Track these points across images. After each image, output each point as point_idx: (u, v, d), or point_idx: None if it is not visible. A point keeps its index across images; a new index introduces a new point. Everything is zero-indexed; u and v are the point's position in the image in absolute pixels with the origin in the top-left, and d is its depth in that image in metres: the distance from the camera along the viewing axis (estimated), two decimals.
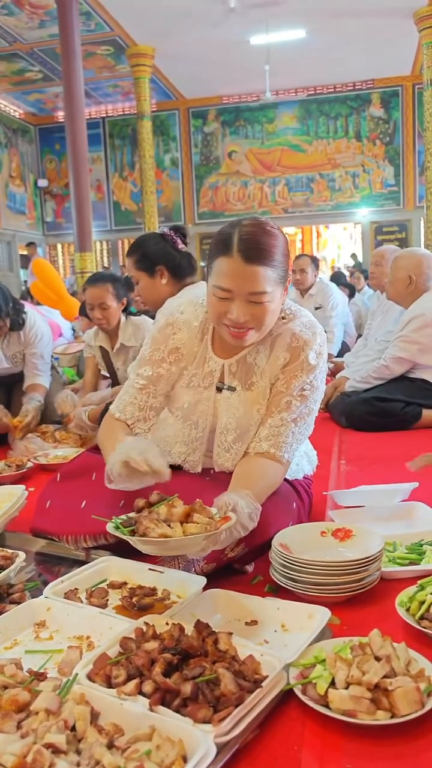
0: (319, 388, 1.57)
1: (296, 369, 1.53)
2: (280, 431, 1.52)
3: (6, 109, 14.51)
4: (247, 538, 1.40)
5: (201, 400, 1.61)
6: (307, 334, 1.53)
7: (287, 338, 1.53)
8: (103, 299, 2.92)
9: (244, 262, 1.38)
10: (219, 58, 11.91)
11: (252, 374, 1.57)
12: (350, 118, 14.02)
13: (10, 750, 0.84)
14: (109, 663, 1.05)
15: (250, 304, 1.41)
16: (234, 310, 1.41)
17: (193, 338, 1.60)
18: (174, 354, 1.61)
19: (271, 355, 1.55)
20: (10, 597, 1.44)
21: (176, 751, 0.87)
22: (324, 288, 5.31)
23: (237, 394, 1.57)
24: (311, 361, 1.52)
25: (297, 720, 1.01)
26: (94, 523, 1.58)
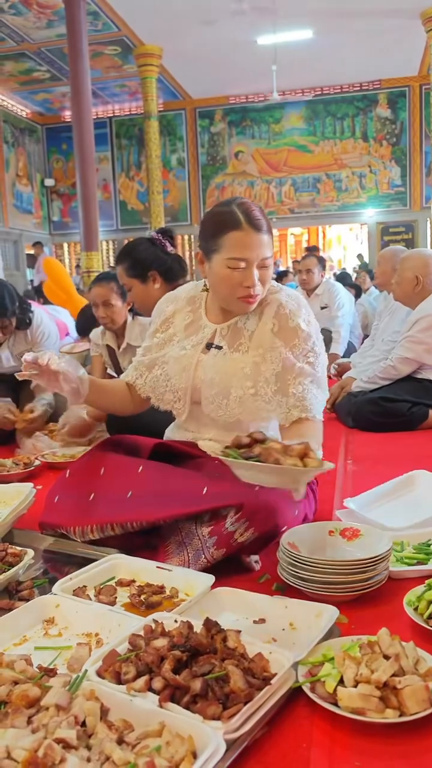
0: (321, 354, 1.73)
1: (291, 336, 1.68)
2: (304, 395, 1.65)
3: (13, 109, 14.56)
4: (256, 523, 1.47)
5: (184, 356, 1.78)
6: (293, 305, 1.71)
7: (274, 307, 1.70)
8: (107, 297, 2.93)
9: (255, 231, 1.60)
10: (226, 59, 11.93)
11: (240, 337, 1.73)
12: (357, 118, 14.02)
13: (21, 744, 0.85)
14: (119, 660, 1.06)
15: (260, 269, 1.63)
16: (250, 277, 1.61)
17: (182, 309, 1.85)
18: (165, 324, 1.87)
19: (260, 321, 1.71)
20: (19, 594, 1.45)
21: (186, 747, 0.87)
22: (330, 288, 5.31)
23: (223, 353, 1.73)
24: (304, 327, 1.68)
25: (306, 718, 1.01)
26: (101, 515, 1.61)
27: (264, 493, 1.52)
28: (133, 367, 1.90)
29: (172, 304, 1.88)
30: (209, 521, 1.52)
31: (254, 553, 1.56)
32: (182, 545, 1.54)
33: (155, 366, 1.85)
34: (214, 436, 1.78)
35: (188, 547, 1.53)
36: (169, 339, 1.85)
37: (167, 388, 1.81)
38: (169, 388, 1.81)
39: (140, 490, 1.64)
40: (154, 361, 1.85)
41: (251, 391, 1.68)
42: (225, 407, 1.70)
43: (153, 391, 1.85)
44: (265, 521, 1.49)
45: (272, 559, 1.50)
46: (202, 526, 1.52)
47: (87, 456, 1.89)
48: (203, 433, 1.82)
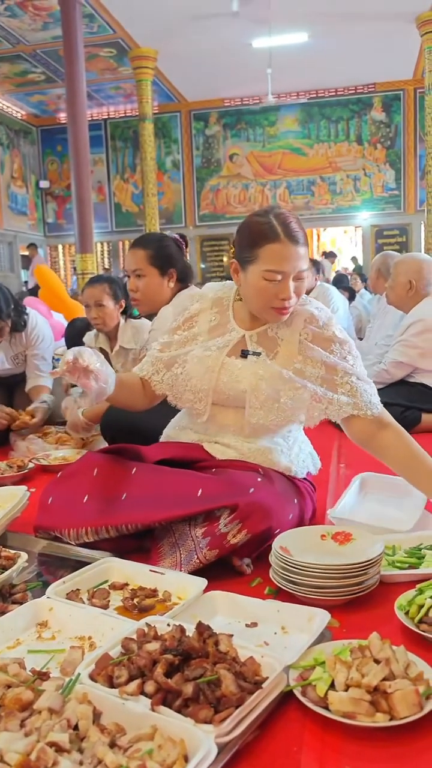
0: (359, 357, 1.77)
1: (328, 344, 1.71)
2: (356, 392, 1.70)
3: (8, 111, 14.54)
4: (249, 525, 1.48)
5: (209, 357, 1.75)
6: (324, 316, 1.75)
7: (304, 316, 1.73)
8: (99, 298, 2.94)
9: (293, 245, 1.60)
10: (221, 61, 11.94)
11: (275, 344, 1.74)
12: (351, 121, 14.06)
13: (14, 748, 0.86)
14: (111, 663, 1.06)
15: (295, 281, 1.63)
16: (285, 289, 1.62)
17: (206, 308, 1.83)
18: (188, 322, 1.84)
19: (290, 330, 1.73)
20: (12, 597, 1.45)
21: (178, 751, 0.88)
22: (324, 291, 5.31)
23: (263, 359, 1.72)
24: (339, 335, 1.73)
25: (297, 721, 1.02)
26: (95, 517, 1.62)
27: (259, 495, 1.54)
28: (150, 363, 1.86)
29: (198, 302, 1.85)
30: (203, 522, 1.53)
31: (247, 556, 1.57)
32: (175, 546, 1.55)
33: (175, 364, 1.82)
34: (225, 439, 1.78)
35: (181, 548, 1.54)
36: (192, 338, 1.82)
37: (187, 388, 1.79)
38: (189, 388, 1.78)
39: (134, 492, 1.65)
40: (174, 359, 1.82)
41: (300, 392, 1.69)
42: (276, 411, 1.70)
43: (171, 389, 1.83)
44: (259, 523, 1.50)
45: (264, 563, 1.50)
46: (196, 528, 1.53)
47: (81, 460, 1.90)
48: (215, 434, 1.81)
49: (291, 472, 1.76)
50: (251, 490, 1.55)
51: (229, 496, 1.52)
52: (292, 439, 1.83)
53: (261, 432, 1.76)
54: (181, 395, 1.81)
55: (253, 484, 1.57)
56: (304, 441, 1.91)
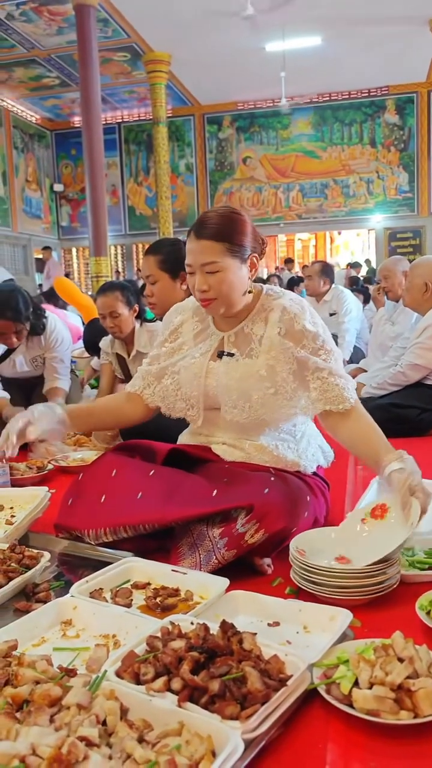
0: (334, 351, 1.74)
1: (299, 337, 1.70)
2: (327, 387, 1.68)
3: (23, 115, 14.67)
4: (267, 525, 1.50)
5: (193, 364, 1.80)
6: (297, 308, 1.72)
7: (278, 311, 1.72)
8: (113, 307, 2.95)
9: (196, 237, 1.66)
10: (235, 65, 12.00)
11: (250, 342, 1.75)
12: (365, 124, 14.06)
13: (45, 742, 0.87)
14: (137, 661, 1.08)
15: (206, 274, 1.65)
16: (196, 282, 1.66)
17: (188, 318, 1.87)
18: (174, 334, 1.89)
19: (266, 326, 1.74)
20: (36, 596, 1.47)
21: (205, 746, 0.89)
22: (338, 294, 5.33)
23: (236, 359, 1.75)
24: (310, 328, 1.70)
25: (321, 719, 1.03)
26: (113, 517, 1.64)
27: (274, 495, 1.55)
28: (140, 377, 1.91)
29: (180, 314, 1.90)
30: (220, 523, 1.54)
31: (266, 556, 1.58)
32: (194, 547, 1.57)
33: (165, 375, 1.86)
34: (229, 439, 1.82)
35: (200, 548, 1.55)
36: (178, 348, 1.87)
37: (178, 397, 1.83)
38: (179, 397, 1.82)
39: (150, 491, 1.67)
40: (164, 371, 1.87)
41: (271, 391, 1.71)
42: (249, 410, 1.73)
43: (163, 400, 1.87)
44: (275, 522, 1.52)
45: (285, 563, 1.51)
46: (213, 528, 1.54)
47: (101, 459, 1.92)
48: (219, 436, 1.84)
49: (299, 467, 1.78)
50: (266, 490, 1.56)
51: (245, 496, 1.53)
52: (299, 434, 1.84)
53: (258, 429, 1.78)
54: (174, 405, 1.85)
55: (268, 484, 1.59)
56: (313, 434, 1.91)
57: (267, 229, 14.92)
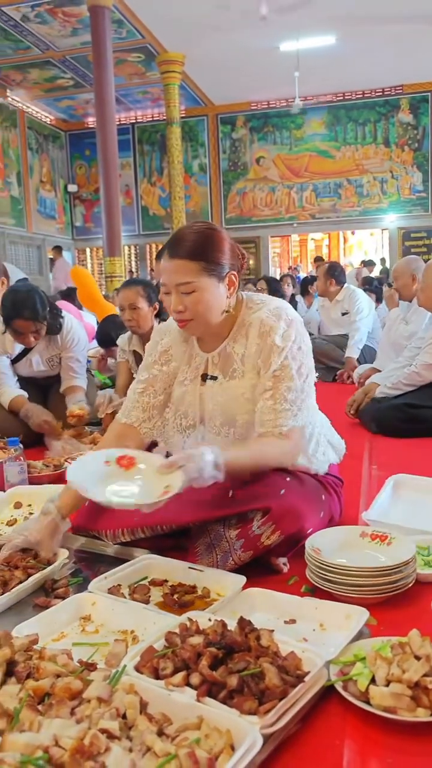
0: (290, 366, 1.60)
1: (268, 354, 1.61)
2: (263, 411, 1.60)
3: (38, 116, 14.75)
4: (282, 526, 1.50)
5: (188, 392, 1.73)
6: (272, 320, 1.62)
7: (257, 326, 1.64)
8: (133, 300, 3.00)
9: (169, 257, 1.59)
10: (248, 65, 11.99)
11: (232, 362, 1.68)
12: (379, 124, 14.00)
13: (67, 734, 0.89)
14: (156, 656, 1.10)
15: (182, 294, 1.58)
16: (172, 301, 1.60)
17: (176, 339, 1.77)
18: (164, 356, 1.79)
19: (246, 343, 1.66)
20: (54, 592, 1.49)
21: (224, 740, 0.91)
22: (351, 294, 5.33)
23: (219, 383, 1.69)
24: (278, 343, 1.60)
25: (338, 715, 1.04)
26: (131, 518, 1.65)
27: (290, 497, 1.55)
28: (140, 408, 1.77)
29: (166, 336, 1.80)
30: (236, 524, 1.55)
31: (282, 556, 1.59)
32: (211, 547, 1.58)
33: (166, 408, 1.77)
34: None
35: (216, 549, 1.56)
36: (173, 373, 1.77)
37: (174, 429, 1.76)
38: (176, 428, 1.75)
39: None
40: (166, 403, 1.77)
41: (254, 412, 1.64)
42: (231, 435, 1.67)
43: (161, 435, 1.78)
44: (291, 524, 1.52)
45: (300, 562, 1.52)
46: (230, 529, 1.55)
47: None
48: None
49: (312, 471, 1.75)
50: (282, 491, 1.56)
51: (261, 498, 1.54)
52: (307, 435, 1.75)
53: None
54: (170, 438, 1.77)
55: (284, 485, 1.59)
56: (322, 433, 1.82)
57: (281, 229, 14.91)
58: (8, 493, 2.10)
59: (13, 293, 2.86)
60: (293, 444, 1.61)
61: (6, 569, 1.51)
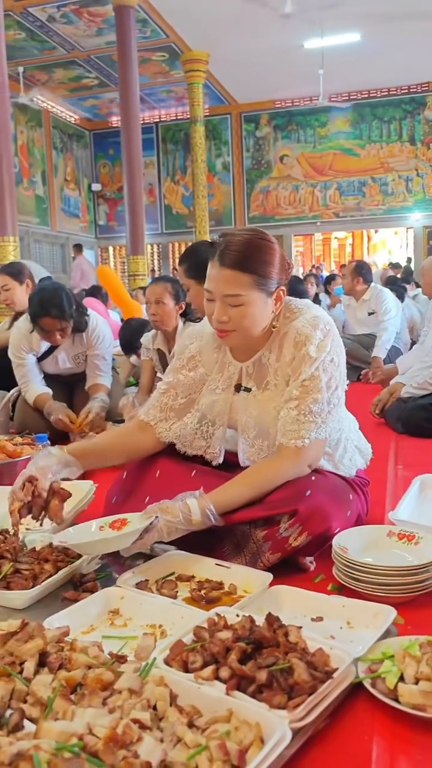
0: (320, 378, 1.58)
1: (299, 363, 1.58)
2: (286, 420, 1.58)
3: (62, 115, 14.88)
4: (310, 527, 1.50)
5: (218, 401, 1.71)
6: (308, 329, 1.58)
7: (292, 335, 1.60)
8: (160, 296, 3.06)
9: (220, 265, 1.53)
10: (272, 63, 11.98)
11: (267, 374, 1.65)
12: (404, 121, 13.90)
13: (100, 723, 0.91)
14: (185, 649, 1.11)
15: (228, 306, 1.54)
16: (215, 310, 1.55)
17: (208, 346, 1.74)
18: (192, 361, 1.76)
19: (280, 354, 1.62)
20: (83, 585, 1.51)
21: (254, 733, 0.91)
22: (377, 294, 5.29)
23: (253, 395, 1.67)
24: (311, 353, 1.57)
25: (366, 712, 1.04)
26: None
27: (316, 497, 1.55)
28: (158, 408, 1.77)
29: (196, 340, 1.77)
30: (263, 526, 1.55)
31: (309, 555, 1.59)
32: (239, 547, 1.58)
33: (188, 413, 1.76)
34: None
35: (244, 549, 1.57)
36: (200, 379, 1.75)
37: (198, 435, 1.74)
38: (200, 435, 1.74)
39: None
40: (187, 408, 1.76)
41: None
42: (266, 448, 1.65)
43: (179, 437, 1.76)
44: (319, 524, 1.53)
45: (327, 560, 1.53)
46: (257, 530, 1.56)
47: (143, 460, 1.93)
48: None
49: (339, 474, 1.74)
50: (308, 492, 1.55)
51: (288, 501, 1.53)
52: (334, 441, 1.73)
53: None
54: (191, 443, 1.76)
55: (310, 485, 1.58)
56: (349, 438, 1.80)
57: (304, 228, 14.87)
58: None
59: (41, 292, 2.90)
60: (309, 459, 1.60)
61: (36, 563, 1.54)
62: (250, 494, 1.55)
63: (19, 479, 1.59)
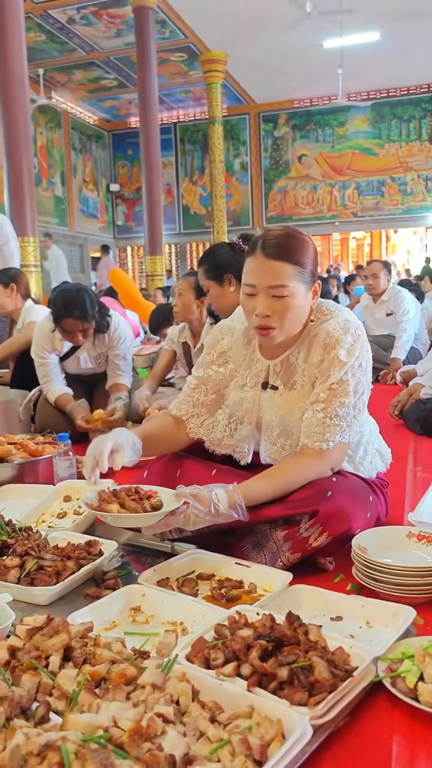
0: (348, 382, 1.58)
1: (328, 367, 1.58)
2: (311, 422, 1.58)
3: (81, 116, 14.97)
4: (330, 528, 1.51)
5: (246, 398, 1.71)
6: (339, 333, 1.58)
7: (322, 337, 1.59)
8: (182, 289, 3.18)
9: (265, 257, 1.52)
10: (291, 63, 11.96)
11: (294, 373, 1.65)
12: (424, 120, 13.81)
13: (125, 716, 0.93)
14: (207, 646, 1.13)
15: (272, 298, 1.52)
16: (257, 305, 1.53)
17: (238, 342, 1.75)
18: (222, 357, 1.77)
19: (309, 355, 1.62)
20: (105, 583, 1.54)
21: (275, 729, 0.93)
22: (396, 294, 5.26)
23: (279, 393, 1.66)
24: (342, 357, 1.56)
25: (386, 711, 1.06)
26: None
27: (337, 498, 1.56)
28: (190, 403, 1.78)
29: (227, 336, 1.77)
30: (283, 525, 1.56)
31: (329, 555, 1.60)
32: (258, 546, 1.60)
33: (219, 409, 1.76)
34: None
35: (264, 549, 1.58)
36: (230, 375, 1.76)
37: (227, 433, 1.74)
38: (228, 433, 1.73)
39: None
40: (217, 404, 1.76)
41: None
42: (288, 448, 1.66)
43: (208, 435, 1.76)
44: (339, 525, 1.54)
45: (346, 560, 1.54)
46: (277, 530, 1.57)
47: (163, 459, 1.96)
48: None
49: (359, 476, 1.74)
50: (329, 493, 1.56)
51: (309, 501, 1.54)
52: (355, 443, 1.73)
53: None
54: (220, 441, 1.75)
55: (330, 486, 1.59)
56: (370, 441, 1.80)
57: (322, 228, 14.83)
58: (58, 487, 2.16)
59: (63, 293, 2.93)
60: (332, 461, 1.61)
61: (59, 560, 1.56)
62: (273, 493, 1.56)
63: (104, 447, 1.55)
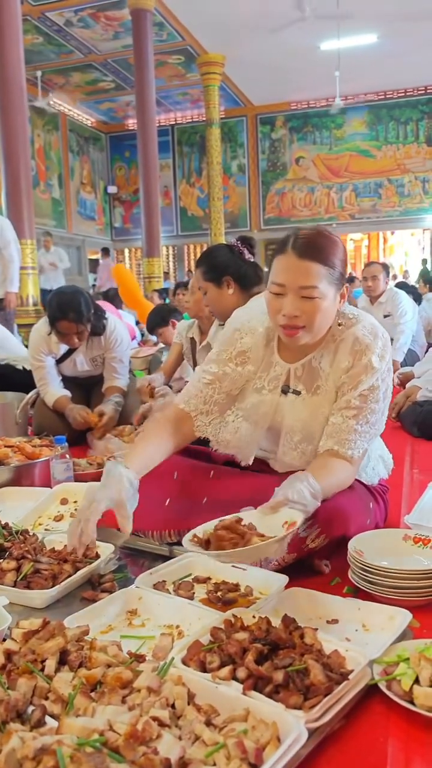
0: (379, 388, 1.57)
1: (360, 372, 1.56)
2: (342, 428, 1.56)
3: (79, 118, 14.97)
4: (328, 530, 1.51)
5: (264, 402, 1.67)
6: (369, 338, 1.56)
7: (350, 342, 1.57)
8: (193, 284, 3.11)
9: (297, 257, 1.47)
10: (288, 65, 11.98)
11: (317, 378, 1.62)
12: (421, 122, 13.84)
13: (120, 720, 0.93)
14: (203, 650, 1.13)
15: (301, 299, 1.48)
16: (286, 304, 1.48)
17: (259, 343, 1.68)
18: (241, 357, 1.69)
19: (335, 359, 1.59)
20: (101, 586, 1.54)
21: (271, 732, 0.93)
22: (394, 296, 5.27)
23: (302, 398, 1.63)
24: (375, 364, 1.55)
25: (381, 714, 1.06)
26: (178, 520, 1.69)
27: (336, 501, 1.55)
28: (201, 399, 1.70)
29: (248, 335, 1.69)
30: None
31: (325, 558, 1.60)
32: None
33: (229, 411, 1.71)
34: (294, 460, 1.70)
35: None
36: (247, 376, 1.70)
37: (236, 435, 1.70)
38: (238, 435, 1.70)
39: (214, 496, 1.70)
40: (228, 404, 1.71)
41: None
42: (309, 454, 1.63)
43: (216, 435, 1.71)
44: (337, 528, 1.54)
45: (342, 563, 1.54)
46: None
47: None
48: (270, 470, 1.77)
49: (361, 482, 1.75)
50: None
51: None
52: None
53: None
54: (228, 443, 1.71)
55: None
56: (374, 447, 1.80)
57: None
58: (55, 490, 2.16)
59: (59, 295, 2.93)
60: (357, 468, 1.61)
61: (55, 563, 1.56)
62: (337, 489, 1.53)
63: (97, 507, 1.43)
